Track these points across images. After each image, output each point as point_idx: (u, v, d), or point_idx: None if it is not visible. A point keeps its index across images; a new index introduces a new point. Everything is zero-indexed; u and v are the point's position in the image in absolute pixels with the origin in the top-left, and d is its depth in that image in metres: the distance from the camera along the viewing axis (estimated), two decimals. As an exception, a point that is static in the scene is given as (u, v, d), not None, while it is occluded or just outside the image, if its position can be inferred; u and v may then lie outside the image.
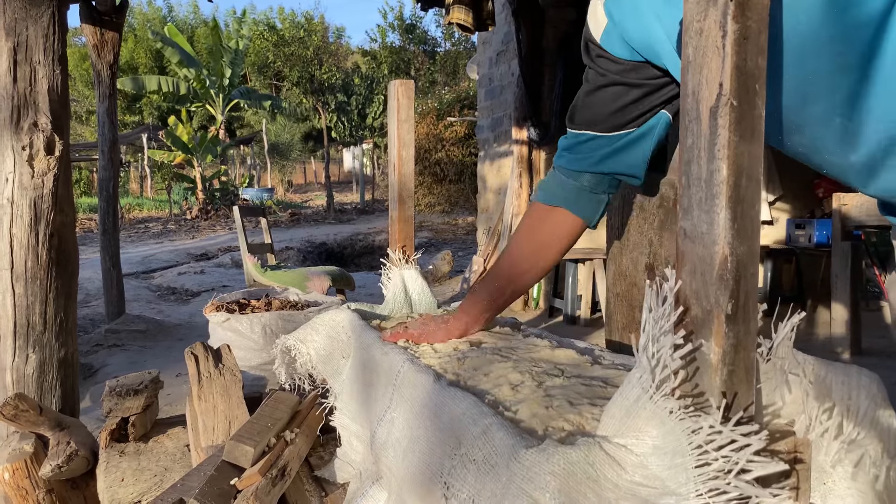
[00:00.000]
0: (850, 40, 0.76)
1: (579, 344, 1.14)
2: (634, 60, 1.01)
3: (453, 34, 26.28)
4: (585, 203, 1.17)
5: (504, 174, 6.47)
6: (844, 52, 0.77)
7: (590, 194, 1.17)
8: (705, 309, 0.59)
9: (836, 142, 0.85)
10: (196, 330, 5.28)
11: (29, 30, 2.22)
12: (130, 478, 1.63)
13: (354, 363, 1.22)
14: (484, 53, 7.02)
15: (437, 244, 11.96)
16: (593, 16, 1.04)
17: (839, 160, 0.88)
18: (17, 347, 2.25)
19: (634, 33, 0.97)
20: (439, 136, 16.23)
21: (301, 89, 27.07)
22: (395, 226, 1.60)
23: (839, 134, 0.84)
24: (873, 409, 0.69)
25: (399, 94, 1.56)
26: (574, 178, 1.17)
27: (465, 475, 0.73)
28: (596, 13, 1.03)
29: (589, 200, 1.17)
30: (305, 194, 25.16)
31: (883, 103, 0.78)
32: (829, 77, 0.80)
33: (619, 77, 1.04)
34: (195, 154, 16.71)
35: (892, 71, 0.75)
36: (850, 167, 0.89)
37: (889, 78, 0.76)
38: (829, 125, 0.84)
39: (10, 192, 2.22)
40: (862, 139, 0.83)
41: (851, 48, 0.76)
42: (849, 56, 0.77)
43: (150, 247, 12.00)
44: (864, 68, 0.77)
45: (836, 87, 0.80)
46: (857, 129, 0.82)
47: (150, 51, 27.18)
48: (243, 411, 1.54)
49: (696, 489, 0.56)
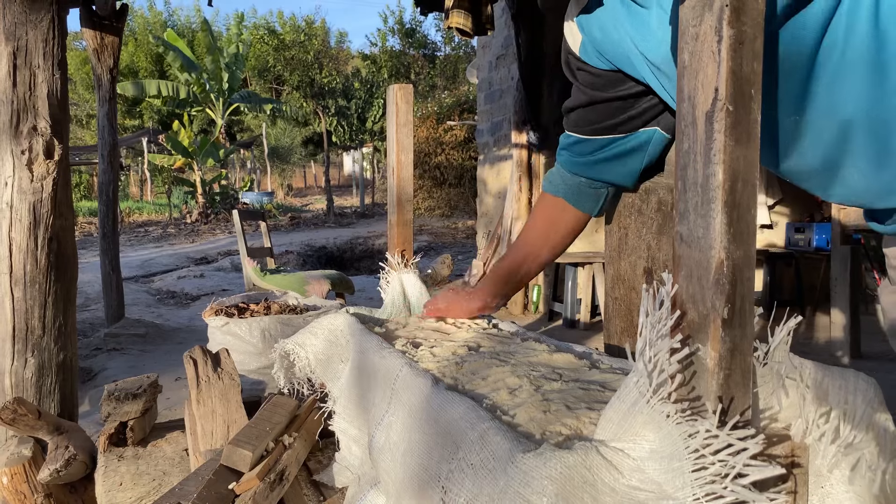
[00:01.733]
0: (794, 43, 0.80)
1: (577, 348, 1.14)
2: (611, 70, 1.07)
3: (453, 38, 26.33)
4: (585, 198, 1.25)
5: (504, 178, 6.47)
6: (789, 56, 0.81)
7: (588, 189, 1.25)
8: (702, 313, 0.60)
9: (789, 142, 0.89)
10: (195, 334, 5.27)
11: (29, 34, 2.22)
12: (129, 482, 1.63)
13: (353, 367, 1.22)
14: (483, 57, 7.04)
15: (437, 248, 11.96)
16: (570, 31, 1.10)
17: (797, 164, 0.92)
18: (16, 351, 2.25)
19: (607, 45, 1.03)
20: (439, 140, 16.24)
21: (301, 93, 27.11)
22: (393, 230, 1.60)
23: (793, 133, 0.87)
24: (870, 414, 0.69)
25: (398, 98, 1.56)
26: (572, 175, 1.24)
27: (462, 479, 0.73)
28: (572, 29, 1.09)
29: (588, 196, 1.25)
30: (305, 198, 25.18)
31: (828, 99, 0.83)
32: (782, 78, 0.84)
33: (599, 90, 1.11)
34: (195, 158, 16.71)
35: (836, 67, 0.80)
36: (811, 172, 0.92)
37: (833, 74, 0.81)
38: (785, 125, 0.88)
39: (10, 197, 2.22)
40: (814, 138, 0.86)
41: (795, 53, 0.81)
42: (794, 60, 0.82)
43: (150, 251, 12.00)
44: (810, 68, 0.82)
45: (790, 87, 0.84)
46: (807, 127, 0.85)
47: (150, 55, 27.22)
48: (242, 415, 1.54)
49: (693, 493, 0.56)
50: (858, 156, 0.84)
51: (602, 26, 1.02)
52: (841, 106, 0.82)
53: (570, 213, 1.27)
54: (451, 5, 3.76)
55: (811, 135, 0.86)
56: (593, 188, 1.24)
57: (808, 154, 0.89)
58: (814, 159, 0.89)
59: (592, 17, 1.03)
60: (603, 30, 1.02)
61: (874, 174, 0.85)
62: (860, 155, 0.84)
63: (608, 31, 1.00)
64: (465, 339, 1.24)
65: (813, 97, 0.83)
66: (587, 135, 1.17)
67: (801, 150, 0.89)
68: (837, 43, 0.79)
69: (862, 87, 0.80)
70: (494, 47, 6.67)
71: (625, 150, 1.17)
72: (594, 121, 1.14)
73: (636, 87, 1.07)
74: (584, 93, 1.13)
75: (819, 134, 0.85)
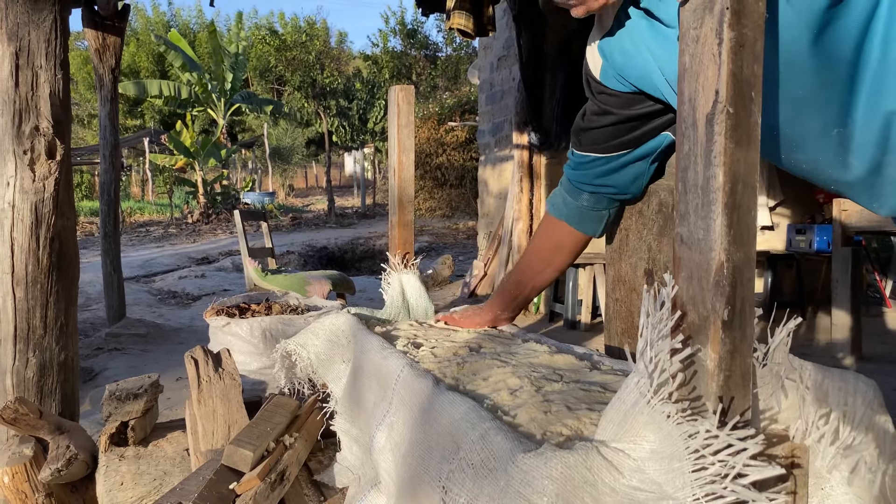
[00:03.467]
0: (833, 55, 0.82)
1: (578, 349, 1.14)
2: (631, 92, 1.09)
3: (454, 39, 26.32)
4: (587, 221, 1.30)
5: (505, 179, 6.47)
6: (829, 67, 0.83)
7: (590, 212, 1.28)
8: (702, 315, 0.60)
9: (835, 154, 0.89)
10: (196, 334, 5.27)
11: (31, 34, 2.22)
12: (130, 482, 1.63)
13: (354, 367, 1.22)
14: (485, 58, 7.04)
15: (438, 248, 11.96)
16: (591, 55, 1.12)
17: (841, 175, 0.93)
18: (18, 351, 2.25)
19: (628, 69, 1.05)
20: (440, 141, 16.24)
21: (303, 94, 27.11)
22: (394, 230, 1.60)
23: (837, 146, 0.88)
24: (870, 415, 0.69)
25: (399, 99, 1.57)
26: (575, 196, 1.28)
27: (463, 479, 0.73)
28: (593, 53, 1.11)
29: (590, 218, 1.29)
30: (307, 198, 25.16)
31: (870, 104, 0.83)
32: (821, 91, 0.85)
33: (618, 109, 1.12)
34: (197, 158, 16.71)
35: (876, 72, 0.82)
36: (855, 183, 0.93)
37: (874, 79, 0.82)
38: (827, 137, 0.88)
39: (12, 196, 2.22)
40: (859, 145, 0.86)
41: (836, 62, 0.82)
42: (834, 70, 0.83)
43: (151, 251, 12.00)
44: (852, 76, 0.83)
45: (829, 99, 0.85)
46: (851, 136, 0.85)
47: (152, 55, 27.22)
48: (243, 415, 1.54)
49: (693, 493, 0.56)
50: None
51: (623, 50, 1.03)
52: (882, 108, 0.83)
53: (573, 235, 1.31)
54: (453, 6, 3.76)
55: (856, 142, 0.87)
56: (595, 210, 1.28)
57: (854, 163, 0.90)
58: (861, 167, 0.90)
59: (614, 40, 1.05)
60: (624, 54, 1.03)
61: None
62: None
63: (630, 54, 1.02)
64: (466, 339, 1.24)
65: (856, 105, 0.84)
66: (603, 153, 1.19)
67: (848, 159, 0.90)
68: (874, 50, 0.80)
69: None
70: (496, 48, 6.67)
71: (631, 157, 1.19)
72: (612, 137, 1.17)
73: (655, 105, 1.09)
74: (604, 113, 1.15)
75: (863, 140, 0.87)
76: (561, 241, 1.33)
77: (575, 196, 1.28)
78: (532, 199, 5.81)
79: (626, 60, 1.04)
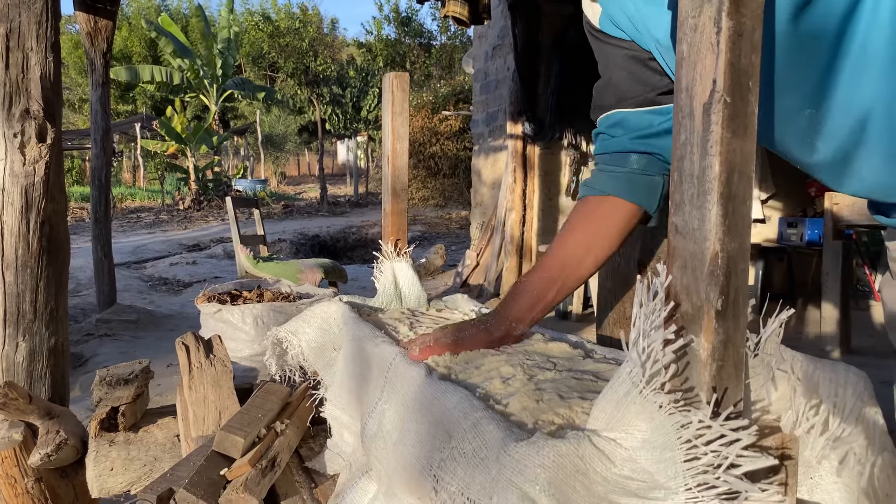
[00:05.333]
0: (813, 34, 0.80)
1: (572, 338, 1.14)
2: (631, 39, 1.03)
3: (449, 28, 26.23)
4: (640, 189, 1.06)
5: (499, 169, 6.47)
6: (808, 47, 0.81)
7: (642, 176, 1.06)
8: (695, 304, 0.60)
9: (802, 136, 0.89)
10: (187, 321, 5.26)
11: (22, 16, 2.20)
12: (120, 467, 1.62)
13: (346, 355, 1.22)
14: (480, 48, 7.02)
15: (431, 238, 11.96)
16: (588, 5, 1.07)
17: (806, 157, 0.92)
18: (7, 336, 2.24)
19: (619, 17, 1.01)
20: (434, 130, 16.22)
21: (296, 81, 27.00)
22: (388, 219, 1.59)
23: (806, 127, 0.87)
24: (860, 406, 0.69)
25: (394, 86, 1.56)
26: (622, 162, 1.07)
27: (454, 468, 0.73)
28: (591, 4, 1.06)
29: (643, 185, 1.07)
30: (299, 186, 25.09)
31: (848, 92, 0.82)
32: (796, 70, 0.83)
33: (628, 52, 1.02)
34: (189, 144, 16.63)
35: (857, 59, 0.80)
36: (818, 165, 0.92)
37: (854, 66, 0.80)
38: (797, 118, 0.88)
39: (2, 180, 2.20)
40: (829, 130, 0.86)
41: (816, 42, 0.80)
42: (813, 50, 0.81)
43: (143, 237, 11.95)
44: (831, 59, 0.81)
45: (804, 79, 0.84)
46: (823, 120, 0.85)
47: (144, 40, 27.03)
48: (234, 402, 1.54)
49: (684, 483, 0.56)
50: (873, 149, 0.85)
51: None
52: (859, 99, 0.82)
53: (622, 209, 1.07)
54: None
55: (827, 128, 0.86)
56: (648, 175, 1.06)
57: (821, 147, 0.89)
58: (827, 152, 0.89)
59: None
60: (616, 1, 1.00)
61: (888, 168, 0.86)
62: (875, 148, 0.85)
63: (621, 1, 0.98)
64: (458, 328, 1.23)
65: (832, 90, 0.83)
66: (631, 107, 1.05)
67: (815, 142, 0.89)
68: (858, 35, 0.79)
69: (882, 82, 0.80)
70: (491, 37, 6.65)
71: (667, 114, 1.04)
72: (632, 81, 1.03)
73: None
74: (612, 57, 1.05)
75: (835, 127, 0.86)
76: (605, 219, 1.08)
77: (621, 162, 1.07)
78: (525, 190, 5.81)
79: (618, 11, 1.00)
